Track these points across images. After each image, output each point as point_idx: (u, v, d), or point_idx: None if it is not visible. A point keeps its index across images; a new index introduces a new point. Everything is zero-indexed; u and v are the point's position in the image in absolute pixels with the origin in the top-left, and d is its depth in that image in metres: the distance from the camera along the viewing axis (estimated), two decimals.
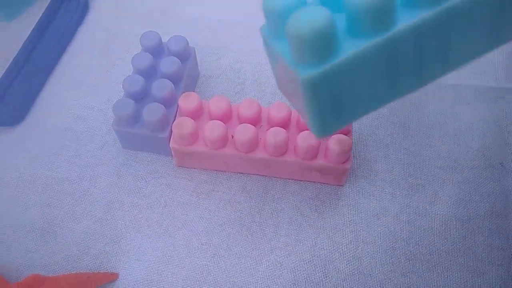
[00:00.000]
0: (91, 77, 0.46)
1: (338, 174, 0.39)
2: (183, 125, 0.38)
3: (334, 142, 0.37)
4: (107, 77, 0.46)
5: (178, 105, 0.40)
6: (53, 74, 0.46)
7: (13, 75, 0.45)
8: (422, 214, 0.39)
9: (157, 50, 0.43)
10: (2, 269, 0.36)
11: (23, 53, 0.47)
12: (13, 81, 0.45)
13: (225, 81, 0.46)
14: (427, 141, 0.43)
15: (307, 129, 0.38)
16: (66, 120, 0.44)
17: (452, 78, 0.45)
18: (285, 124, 0.39)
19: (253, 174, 0.41)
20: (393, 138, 0.43)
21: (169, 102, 0.40)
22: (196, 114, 0.40)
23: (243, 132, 0.37)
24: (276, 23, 0.25)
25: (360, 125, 0.43)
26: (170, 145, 0.39)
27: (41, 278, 0.34)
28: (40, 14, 0.50)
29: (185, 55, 0.43)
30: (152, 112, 0.38)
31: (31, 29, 0.48)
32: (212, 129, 0.37)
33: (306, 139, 0.37)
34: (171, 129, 0.39)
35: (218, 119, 0.39)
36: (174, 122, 0.38)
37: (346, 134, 0.38)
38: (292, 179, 0.41)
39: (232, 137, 0.38)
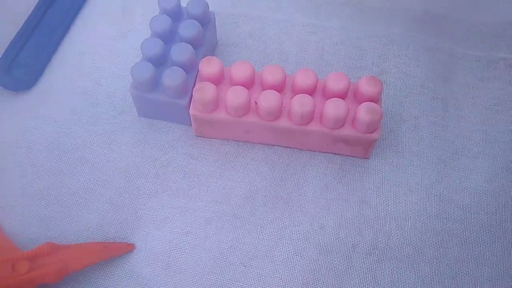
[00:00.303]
0: (107, 41, 0.44)
1: (365, 145, 0.37)
2: (205, 90, 0.36)
3: (364, 110, 0.35)
4: (123, 41, 0.44)
5: (198, 71, 0.38)
6: (66, 38, 0.44)
7: (24, 39, 0.43)
8: (452, 188, 0.37)
9: (175, 13, 0.40)
10: (14, 236, 0.34)
11: (35, 16, 0.45)
12: (24, 45, 0.43)
13: (244, 50, 0.44)
14: (457, 113, 0.41)
15: (334, 97, 0.36)
16: (80, 85, 0.42)
17: (481, 50, 0.44)
18: (310, 92, 0.37)
19: (275, 146, 0.39)
20: (421, 110, 0.41)
21: (189, 68, 0.38)
22: (217, 80, 0.38)
23: (268, 99, 0.35)
24: None
25: (387, 96, 0.41)
26: (190, 112, 0.37)
27: (55, 247, 0.32)
28: None
29: (205, 20, 0.41)
30: (172, 76, 0.36)
31: None
32: (235, 95, 0.35)
33: (333, 107, 0.35)
34: (191, 96, 0.37)
35: (240, 86, 0.37)
36: (195, 86, 0.36)
37: (375, 103, 0.36)
38: (316, 151, 0.39)
39: (256, 103, 0.36)
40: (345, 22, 0.46)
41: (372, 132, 0.36)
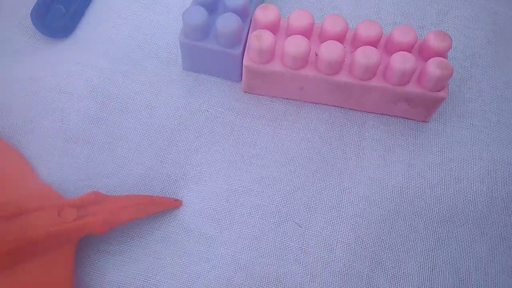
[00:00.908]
0: None
1: (429, 106, 0.35)
2: (262, 37, 0.33)
3: (434, 65, 0.32)
4: None
5: (252, 20, 0.35)
6: None
7: None
8: None
9: None
10: (54, 185, 0.32)
11: None
12: None
13: (294, 4, 0.42)
14: None
15: (400, 50, 0.34)
16: (121, 32, 0.39)
17: None
18: (373, 45, 0.34)
19: (329, 105, 0.37)
20: (483, 74, 0.38)
21: (243, 16, 0.35)
22: (274, 30, 0.35)
23: (331, 49, 0.33)
24: None
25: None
26: (244, 63, 0.34)
27: (101, 196, 0.30)
28: None
29: None
30: (228, 22, 0.34)
31: None
32: (295, 44, 0.33)
33: (401, 60, 0.33)
34: (244, 46, 0.35)
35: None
36: (252, 33, 0.33)
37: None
38: (372, 112, 0.36)
39: (316, 55, 0.34)
40: None
41: (439, 91, 0.34)
